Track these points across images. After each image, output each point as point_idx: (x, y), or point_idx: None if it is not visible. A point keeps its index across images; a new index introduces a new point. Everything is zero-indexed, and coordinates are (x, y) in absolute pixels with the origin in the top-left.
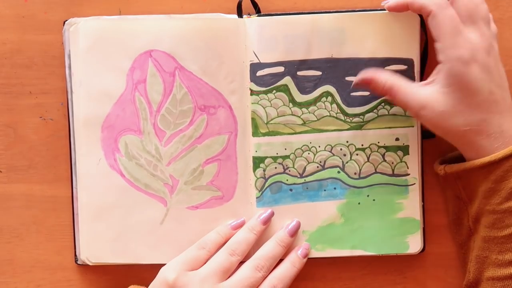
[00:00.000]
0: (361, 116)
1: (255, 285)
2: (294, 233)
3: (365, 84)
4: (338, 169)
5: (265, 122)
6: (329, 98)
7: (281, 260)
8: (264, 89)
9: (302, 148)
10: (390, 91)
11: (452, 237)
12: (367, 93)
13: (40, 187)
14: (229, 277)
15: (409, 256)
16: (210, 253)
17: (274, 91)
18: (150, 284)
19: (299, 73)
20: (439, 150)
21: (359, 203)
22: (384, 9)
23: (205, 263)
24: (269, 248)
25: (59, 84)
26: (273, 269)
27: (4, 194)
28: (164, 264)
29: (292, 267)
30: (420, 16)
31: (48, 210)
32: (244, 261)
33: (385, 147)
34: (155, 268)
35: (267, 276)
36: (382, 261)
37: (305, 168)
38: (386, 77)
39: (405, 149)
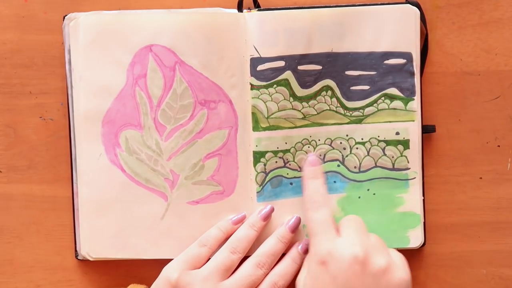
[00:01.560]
0: (360, 110)
1: (256, 283)
2: (295, 229)
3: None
4: (338, 162)
5: (266, 116)
6: (329, 92)
7: (283, 255)
8: (264, 83)
9: (302, 142)
10: None
11: None
12: (367, 87)
13: (40, 187)
14: (231, 275)
15: (409, 256)
16: (211, 250)
17: (275, 86)
18: (153, 284)
19: (299, 67)
20: (439, 145)
21: (359, 197)
22: (383, 3)
23: (207, 260)
24: (270, 245)
25: (59, 84)
26: (274, 264)
27: (4, 194)
28: (164, 259)
29: (293, 263)
30: (420, 10)
31: (48, 210)
32: (246, 257)
33: (385, 141)
34: (154, 267)
35: (268, 273)
36: None
37: None
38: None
39: (405, 143)
